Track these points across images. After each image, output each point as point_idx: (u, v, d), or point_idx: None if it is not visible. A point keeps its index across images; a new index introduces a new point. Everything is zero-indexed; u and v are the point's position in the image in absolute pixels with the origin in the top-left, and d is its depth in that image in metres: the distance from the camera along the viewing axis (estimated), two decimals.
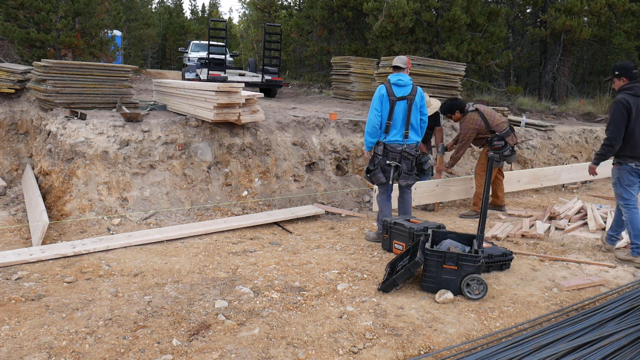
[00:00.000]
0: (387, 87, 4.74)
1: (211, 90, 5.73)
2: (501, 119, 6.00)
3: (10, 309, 3.27)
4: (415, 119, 4.80)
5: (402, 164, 4.81)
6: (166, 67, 38.71)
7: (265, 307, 3.42)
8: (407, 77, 4.81)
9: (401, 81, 4.74)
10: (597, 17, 13.26)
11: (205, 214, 5.69)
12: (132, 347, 2.87)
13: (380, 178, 4.83)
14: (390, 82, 4.76)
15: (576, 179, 8.16)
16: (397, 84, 4.74)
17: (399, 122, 4.74)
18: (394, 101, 4.70)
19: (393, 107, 4.70)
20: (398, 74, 4.79)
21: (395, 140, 4.77)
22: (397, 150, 4.77)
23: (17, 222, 5.35)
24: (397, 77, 4.76)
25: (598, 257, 4.76)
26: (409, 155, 4.80)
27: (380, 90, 4.75)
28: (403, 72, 4.81)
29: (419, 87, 4.89)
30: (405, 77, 4.79)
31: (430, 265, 3.71)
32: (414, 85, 4.80)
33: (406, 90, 4.74)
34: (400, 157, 4.79)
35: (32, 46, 10.76)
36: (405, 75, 4.80)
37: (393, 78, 4.78)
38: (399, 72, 4.81)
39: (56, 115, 6.23)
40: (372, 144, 4.87)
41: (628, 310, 3.31)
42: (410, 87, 4.77)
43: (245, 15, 39.61)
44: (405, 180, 4.86)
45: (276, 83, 12.03)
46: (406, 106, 4.72)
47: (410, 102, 4.72)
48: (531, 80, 20.74)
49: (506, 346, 2.86)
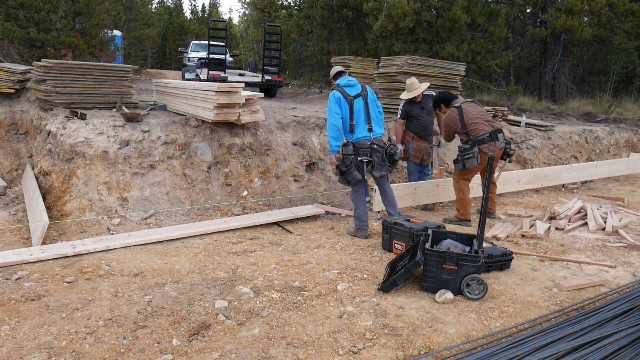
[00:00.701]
0: (341, 91, 4.98)
1: (211, 90, 5.73)
2: (480, 125, 5.58)
3: (10, 309, 3.27)
4: (375, 112, 5.06)
5: (373, 157, 5.00)
6: (166, 67, 38.72)
7: (265, 307, 3.42)
8: (353, 78, 5.10)
9: (351, 81, 5.04)
10: (597, 17, 13.25)
11: (205, 214, 5.69)
12: (132, 347, 2.87)
13: (356, 176, 4.97)
14: (341, 85, 5.04)
15: (576, 179, 8.15)
16: (348, 85, 5.02)
17: (362, 119, 4.97)
18: (351, 100, 4.94)
19: (352, 106, 4.93)
20: (344, 77, 5.10)
21: (363, 136, 4.98)
22: (367, 145, 4.97)
23: (17, 222, 5.35)
24: (346, 80, 5.06)
25: (598, 257, 4.76)
26: (378, 147, 5.01)
27: (334, 95, 4.97)
28: (346, 74, 5.13)
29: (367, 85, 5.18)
30: (352, 78, 5.09)
31: (430, 265, 3.71)
32: (361, 84, 5.09)
33: (358, 89, 5.01)
34: (370, 151, 4.98)
35: (32, 46, 10.75)
36: (350, 77, 5.11)
37: (342, 81, 5.06)
38: (342, 76, 5.12)
39: (56, 115, 6.23)
40: (337, 147, 5.05)
41: (628, 310, 3.31)
42: (360, 86, 5.05)
43: (245, 15, 39.61)
44: (379, 172, 5.06)
45: (276, 83, 12.03)
46: (363, 103, 4.98)
47: (365, 97, 5.00)
48: (531, 80, 20.75)
49: (506, 346, 2.86)
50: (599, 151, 10.00)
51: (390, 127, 7.65)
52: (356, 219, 5.18)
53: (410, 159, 6.36)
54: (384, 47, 13.30)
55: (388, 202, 5.25)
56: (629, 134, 10.74)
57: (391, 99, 8.64)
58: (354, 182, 5.03)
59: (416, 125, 6.22)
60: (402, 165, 7.41)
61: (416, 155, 6.29)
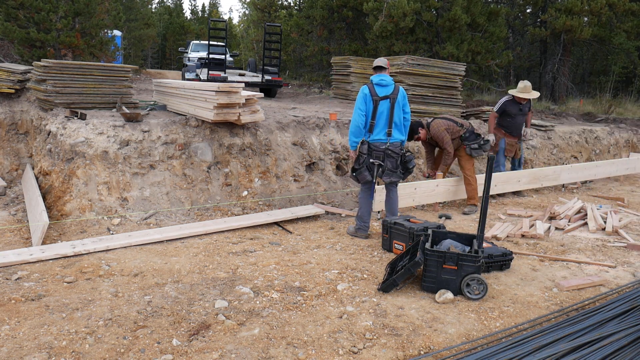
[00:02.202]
0: (370, 88, 4.86)
1: (211, 90, 5.73)
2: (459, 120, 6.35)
3: (10, 309, 3.27)
4: (399, 117, 4.92)
5: (386, 162, 4.92)
6: (166, 67, 38.71)
7: (265, 307, 3.42)
8: (389, 77, 4.92)
9: (383, 81, 4.87)
10: (597, 17, 13.25)
11: (205, 214, 5.69)
12: (132, 347, 2.87)
13: (366, 176, 4.93)
14: (373, 82, 4.88)
15: (576, 179, 8.15)
16: (380, 84, 4.86)
17: (383, 121, 4.86)
18: (377, 101, 4.82)
19: (376, 107, 4.83)
20: (380, 75, 4.91)
21: (379, 139, 4.89)
22: (381, 148, 4.89)
23: (17, 222, 5.35)
24: (380, 78, 4.88)
25: (598, 257, 4.76)
26: (392, 153, 4.92)
27: (363, 91, 4.86)
28: (384, 72, 4.93)
29: (401, 86, 5.00)
30: (387, 77, 4.92)
31: (430, 265, 3.71)
32: (395, 85, 4.92)
33: (388, 90, 4.87)
34: (383, 156, 4.90)
35: (32, 46, 10.76)
36: (386, 76, 4.92)
37: (375, 78, 4.89)
38: (380, 72, 4.93)
39: (56, 115, 6.23)
40: (356, 143, 4.98)
41: (628, 310, 3.31)
42: (392, 87, 4.88)
43: (245, 15, 39.62)
44: (389, 178, 4.97)
45: (276, 83, 12.03)
46: (389, 105, 4.84)
47: (393, 101, 4.85)
48: (531, 80, 20.69)
49: (506, 346, 2.86)
50: (599, 151, 10.00)
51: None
52: (358, 218, 5.16)
53: (504, 153, 7.10)
54: (384, 47, 13.30)
55: (389, 208, 5.21)
56: (629, 134, 10.74)
57: None
58: (363, 182, 5.02)
59: (509, 124, 6.92)
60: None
61: (509, 149, 7.08)
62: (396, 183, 5.12)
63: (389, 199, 5.20)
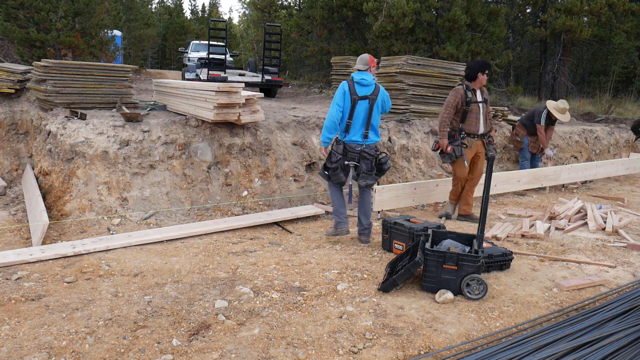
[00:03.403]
0: (350, 85, 4.68)
1: (211, 90, 5.73)
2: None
3: (10, 309, 3.27)
4: (376, 119, 4.76)
5: (362, 164, 4.76)
6: (166, 67, 38.69)
7: (265, 307, 3.42)
8: (371, 77, 4.73)
9: (364, 80, 4.68)
10: (597, 17, 13.25)
11: (205, 214, 5.69)
12: (132, 347, 2.87)
13: (341, 178, 4.78)
14: (354, 80, 4.70)
15: (576, 179, 8.15)
16: (360, 83, 4.68)
17: (360, 122, 4.69)
18: (356, 100, 4.65)
19: (354, 106, 4.65)
20: (362, 73, 4.73)
21: (355, 140, 4.72)
22: (356, 150, 4.72)
23: (17, 222, 5.35)
24: (361, 76, 4.70)
25: (598, 257, 4.76)
26: (367, 155, 4.74)
27: (343, 87, 4.68)
28: (367, 71, 4.75)
29: (382, 87, 4.81)
30: (369, 76, 4.72)
31: (430, 265, 3.71)
32: (376, 85, 4.74)
33: (368, 90, 4.68)
34: (359, 157, 4.74)
35: (32, 46, 10.76)
36: (368, 75, 4.73)
37: (357, 76, 4.71)
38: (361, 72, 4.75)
39: (56, 115, 6.23)
40: (329, 139, 4.80)
41: (628, 310, 3.31)
42: (373, 87, 4.70)
43: (245, 15, 39.63)
44: (365, 180, 4.78)
45: (276, 83, 12.03)
46: (367, 106, 4.67)
47: (372, 102, 4.67)
48: (531, 80, 20.76)
49: (506, 346, 2.86)
50: (599, 151, 10.01)
51: (391, 127, 7.65)
52: (334, 214, 4.97)
53: (528, 149, 8.03)
54: (383, 47, 13.30)
55: (362, 210, 5.01)
56: (629, 134, 10.74)
57: (391, 98, 8.60)
58: (338, 183, 4.88)
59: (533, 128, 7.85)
60: (402, 166, 7.42)
61: (534, 146, 7.96)
62: (371, 186, 4.95)
63: (363, 201, 4.99)
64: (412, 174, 7.45)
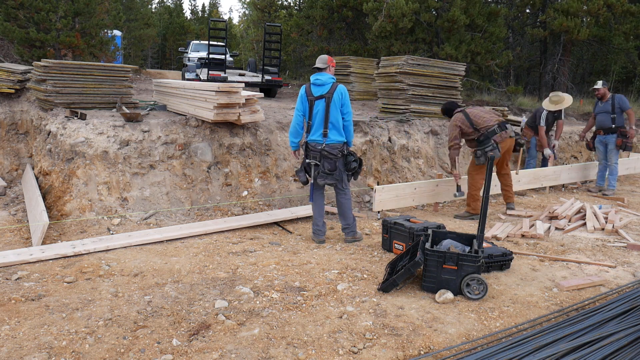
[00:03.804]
0: (307, 87, 4.78)
1: (211, 90, 5.73)
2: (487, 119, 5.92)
3: (10, 309, 3.27)
4: (335, 117, 4.71)
5: (323, 163, 4.75)
6: (166, 67, 38.68)
7: (265, 307, 3.42)
8: (327, 76, 4.74)
9: (318, 80, 4.72)
10: (595, 18, 13.24)
11: (205, 214, 5.69)
12: (132, 347, 2.87)
13: (301, 177, 4.87)
14: (310, 81, 4.78)
15: (576, 179, 8.16)
16: (315, 83, 4.74)
17: (318, 121, 4.73)
18: (312, 100, 4.72)
19: (312, 107, 4.73)
20: (317, 74, 4.77)
21: (315, 139, 4.76)
22: (317, 149, 4.75)
23: (17, 222, 5.35)
24: (315, 77, 4.75)
25: (598, 257, 4.76)
26: (329, 154, 4.71)
27: (301, 91, 4.81)
28: (324, 71, 4.77)
29: (341, 85, 4.78)
30: (325, 76, 4.74)
31: (430, 265, 3.71)
32: (333, 84, 4.73)
33: (324, 89, 4.70)
34: (320, 156, 4.75)
35: (32, 46, 10.76)
36: (324, 74, 4.75)
37: (312, 77, 4.78)
38: (319, 72, 4.78)
39: (56, 115, 6.23)
40: (294, 143, 4.95)
41: (628, 310, 3.31)
42: (329, 86, 4.71)
43: (245, 15, 39.64)
44: (323, 180, 4.77)
45: (276, 83, 12.03)
46: (324, 105, 4.69)
47: (328, 100, 4.67)
48: (531, 80, 20.76)
49: (506, 346, 2.86)
50: None
51: (391, 127, 7.65)
52: (313, 222, 5.02)
53: (536, 148, 8.21)
54: (383, 47, 13.30)
55: (339, 211, 5.01)
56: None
57: (391, 98, 8.65)
58: (302, 183, 4.93)
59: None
60: (402, 166, 7.43)
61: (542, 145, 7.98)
62: (338, 186, 4.87)
63: (337, 203, 4.98)
64: (412, 174, 7.45)
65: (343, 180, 4.87)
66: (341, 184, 4.88)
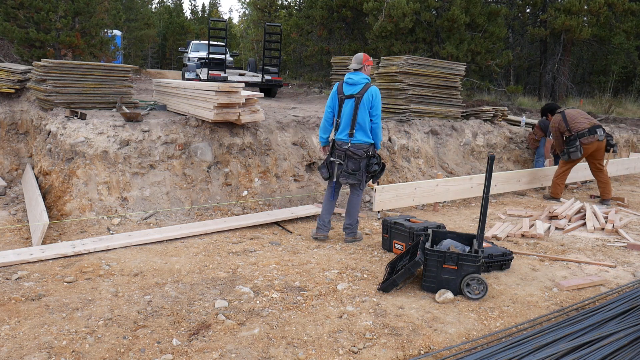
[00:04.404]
0: (339, 85, 4.81)
1: (211, 90, 5.73)
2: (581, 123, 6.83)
3: (10, 309, 3.27)
4: (363, 118, 4.69)
5: (347, 162, 4.77)
6: (166, 67, 38.69)
7: (265, 307, 3.42)
8: (360, 76, 4.74)
9: (351, 79, 4.73)
10: (596, 17, 13.24)
11: (205, 213, 5.69)
12: (132, 347, 2.87)
13: (323, 173, 4.89)
14: (344, 80, 4.81)
15: (576, 179, 8.15)
16: (347, 82, 4.75)
17: (345, 121, 4.75)
18: (342, 99, 4.75)
19: (341, 105, 4.76)
20: (352, 72, 4.78)
21: (341, 138, 4.78)
22: (343, 148, 4.76)
23: (17, 222, 5.35)
24: (349, 76, 4.78)
25: (598, 257, 4.76)
26: (353, 154, 4.73)
27: (334, 87, 4.84)
28: (360, 71, 4.76)
29: (374, 87, 4.74)
30: (358, 75, 4.74)
31: (430, 265, 3.71)
32: (365, 85, 4.70)
33: (355, 89, 4.70)
34: (344, 156, 4.77)
35: (32, 46, 10.76)
36: (358, 74, 4.75)
37: (347, 76, 4.81)
38: (354, 71, 4.78)
39: (56, 115, 6.23)
40: (323, 139, 4.98)
41: (628, 310, 3.31)
42: (360, 86, 4.69)
43: (245, 15, 39.66)
44: (345, 179, 4.81)
45: (276, 83, 12.03)
46: (353, 105, 4.69)
47: (358, 101, 4.66)
48: (531, 80, 20.76)
49: (506, 346, 2.86)
50: None
51: (391, 127, 7.64)
52: (318, 217, 5.07)
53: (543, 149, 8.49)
54: (383, 47, 13.30)
55: (347, 208, 5.02)
56: (629, 134, 10.74)
57: (391, 98, 8.64)
58: (325, 179, 4.96)
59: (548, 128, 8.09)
60: (402, 166, 7.42)
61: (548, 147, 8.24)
62: (357, 186, 4.90)
63: (349, 200, 5.00)
64: (412, 174, 7.45)
65: (362, 181, 4.89)
66: (360, 184, 4.91)
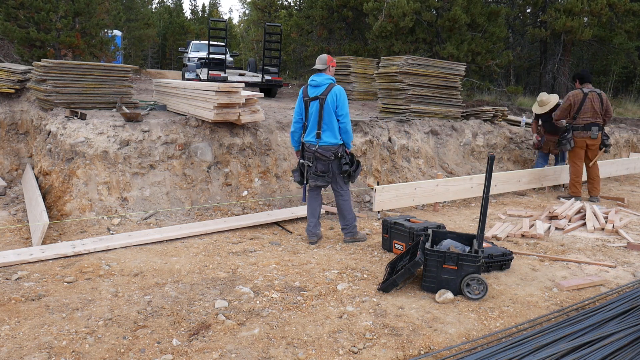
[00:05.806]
0: (304, 88, 4.81)
1: (211, 90, 5.73)
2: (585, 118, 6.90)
3: (10, 309, 3.27)
4: (330, 119, 4.65)
5: (317, 164, 4.74)
6: (166, 67, 38.70)
7: (265, 307, 3.42)
8: (324, 77, 4.70)
9: (314, 81, 4.71)
10: (597, 18, 13.23)
11: (205, 214, 5.69)
12: (132, 347, 2.87)
13: (296, 177, 4.92)
14: (308, 82, 4.79)
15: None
16: (311, 84, 4.73)
17: (312, 123, 4.73)
18: (307, 102, 4.73)
19: (307, 108, 4.74)
20: (316, 75, 4.75)
21: (309, 140, 4.77)
22: (311, 150, 4.75)
23: (17, 222, 5.35)
24: (312, 78, 4.75)
25: (598, 257, 4.76)
26: (322, 156, 4.70)
27: (300, 92, 4.84)
28: (323, 72, 4.73)
29: (337, 86, 4.69)
30: (322, 76, 4.70)
31: (430, 265, 3.71)
32: (329, 85, 4.66)
33: (319, 91, 4.66)
34: (313, 157, 4.75)
35: (32, 46, 10.76)
36: (321, 75, 4.71)
37: (310, 78, 4.79)
38: (318, 73, 4.75)
39: (56, 115, 6.23)
40: (294, 142, 4.98)
41: (628, 310, 3.31)
42: (324, 87, 4.65)
43: (245, 15, 39.68)
44: (314, 181, 4.77)
45: (276, 83, 12.03)
46: (318, 107, 4.66)
47: (322, 102, 4.62)
48: (531, 80, 20.75)
49: (506, 346, 2.86)
50: None
51: (391, 127, 7.65)
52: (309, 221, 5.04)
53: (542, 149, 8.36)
54: (383, 47, 13.30)
55: (338, 212, 5.00)
56: (629, 134, 10.74)
57: (391, 98, 8.64)
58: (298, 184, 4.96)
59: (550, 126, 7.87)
60: (402, 166, 7.42)
61: (546, 146, 8.10)
62: (336, 189, 4.85)
63: (336, 204, 4.97)
64: (412, 174, 7.45)
65: (338, 182, 4.85)
66: (337, 185, 4.86)
